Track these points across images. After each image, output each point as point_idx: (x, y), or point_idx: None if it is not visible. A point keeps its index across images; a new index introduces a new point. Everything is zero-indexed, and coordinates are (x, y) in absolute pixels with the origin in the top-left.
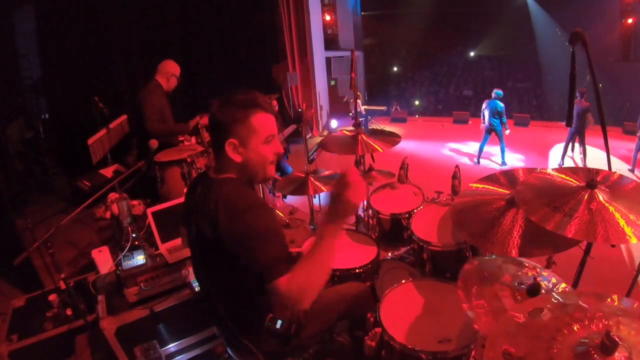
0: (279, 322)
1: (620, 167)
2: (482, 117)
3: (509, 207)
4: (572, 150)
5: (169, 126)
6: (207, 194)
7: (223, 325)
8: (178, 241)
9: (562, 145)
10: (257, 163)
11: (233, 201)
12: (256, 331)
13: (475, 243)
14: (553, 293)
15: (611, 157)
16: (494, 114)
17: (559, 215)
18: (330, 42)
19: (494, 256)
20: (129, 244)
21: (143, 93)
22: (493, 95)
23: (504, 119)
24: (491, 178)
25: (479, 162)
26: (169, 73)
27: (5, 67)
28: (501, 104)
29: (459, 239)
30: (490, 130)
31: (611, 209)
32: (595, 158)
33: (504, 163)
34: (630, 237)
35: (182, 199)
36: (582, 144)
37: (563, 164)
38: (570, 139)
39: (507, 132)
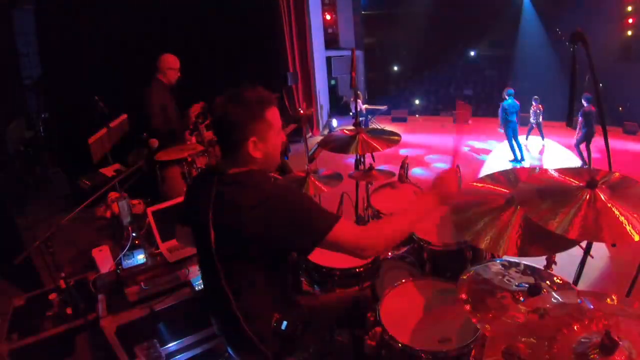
0: (285, 323)
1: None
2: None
3: (509, 206)
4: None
5: (173, 125)
6: (235, 190)
7: (226, 324)
8: None
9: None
10: (273, 154)
11: (271, 189)
12: (262, 331)
13: (475, 243)
14: (553, 293)
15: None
16: (513, 112)
17: (560, 215)
18: (331, 42)
19: (497, 260)
20: (129, 243)
21: (145, 92)
22: (506, 96)
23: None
24: (491, 177)
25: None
26: (165, 68)
27: (5, 66)
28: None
29: (459, 239)
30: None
31: (612, 208)
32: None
33: (521, 159)
34: (633, 236)
35: (182, 199)
36: (588, 147)
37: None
38: (580, 142)
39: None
